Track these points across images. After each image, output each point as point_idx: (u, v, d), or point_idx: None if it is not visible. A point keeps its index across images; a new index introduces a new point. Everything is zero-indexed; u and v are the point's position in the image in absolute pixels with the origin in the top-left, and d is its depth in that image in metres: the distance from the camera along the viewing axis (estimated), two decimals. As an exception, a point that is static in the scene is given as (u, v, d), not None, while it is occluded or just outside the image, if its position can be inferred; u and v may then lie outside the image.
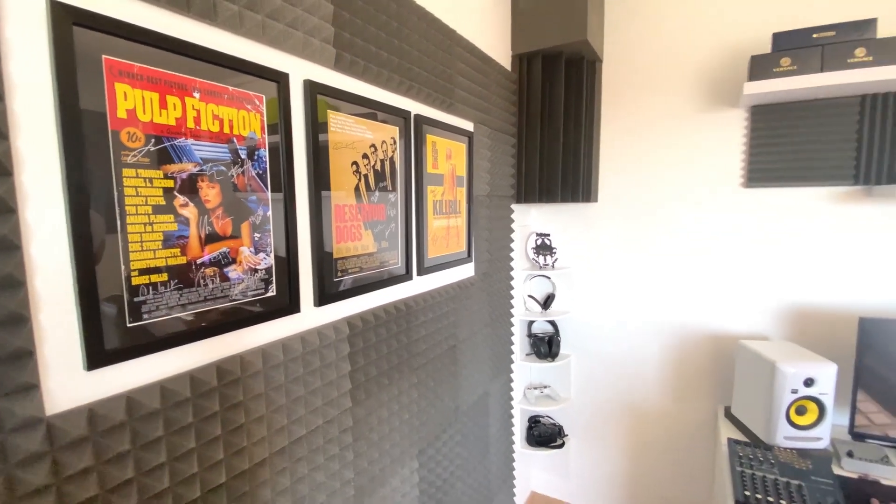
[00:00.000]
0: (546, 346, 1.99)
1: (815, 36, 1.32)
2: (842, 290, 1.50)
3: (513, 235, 1.83)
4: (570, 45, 1.60)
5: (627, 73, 1.79)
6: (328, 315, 0.89)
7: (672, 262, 1.77)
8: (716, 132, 1.64)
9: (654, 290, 1.82)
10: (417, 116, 1.12)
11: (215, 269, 0.69)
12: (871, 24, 1.27)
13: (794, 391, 1.29)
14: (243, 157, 0.72)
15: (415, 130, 1.11)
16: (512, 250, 1.83)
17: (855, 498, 1.12)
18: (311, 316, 0.85)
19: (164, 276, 0.63)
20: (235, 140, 0.71)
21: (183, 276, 0.65)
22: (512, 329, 1.87)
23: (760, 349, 1.40)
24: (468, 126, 1.40)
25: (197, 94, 0.67)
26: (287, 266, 0.79)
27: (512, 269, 1.84)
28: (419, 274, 1.18)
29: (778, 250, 1.58)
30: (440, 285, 1.30)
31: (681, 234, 1.75)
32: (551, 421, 2.10)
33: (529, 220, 2.07)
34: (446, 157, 1.27)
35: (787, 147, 1.52)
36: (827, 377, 1.28)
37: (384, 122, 1.00)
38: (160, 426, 0.61)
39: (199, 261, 0.67)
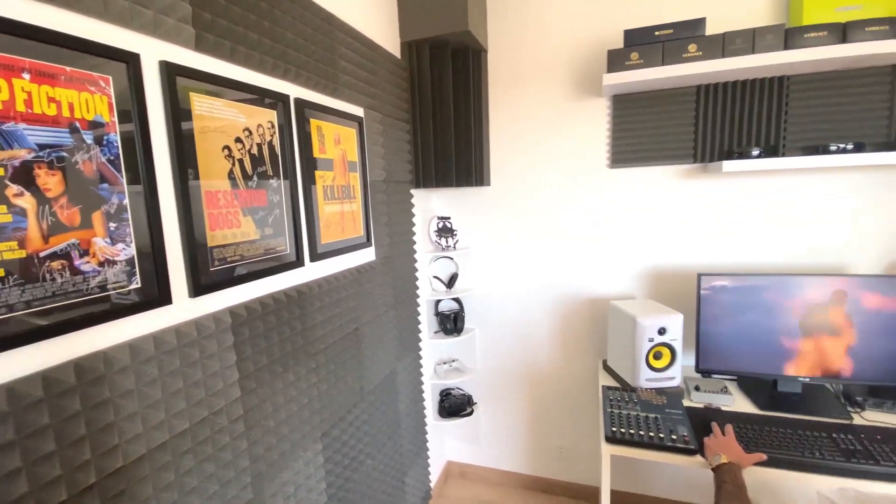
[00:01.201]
0: (452, 323, 2.09)
1: (657, 33, 1.53)
2: (687, 252, 1.78)
3: (414, 220, 1.89)
4: (454, 34, 1.67)
5: (511, 63, 1.92)
6: (207, 306, 0.87)
7: (555, 237, 1.96)
8: (586, 119, 1.84)
9: (542, 264, 2.00)
10: (298, 100, 1.12)
11: (64, 262, 0.65)
12: (700, 23, 1.51)
13: (651, 340, 1.52)
14: (89, 142, 0.67)
15: (296, 114, 1.11)
16: (414, 234, 1.89)
17: (699, 423, 1.35)
18: (185, 307, 0.82)
19: (0, 272, 0.58)
20: (78, 124, 0.66)
21: (24, 271, 0.61)
22: (419, 309, 1.94)
23: (625, 307, 1.62)
24: (357, 111, 1.42)
25: (27, 76, 0.62)
26: (153, 256, 0.76)
27: (415, 251, 1.91)
28: (312, 260, 1.18)
29: (638, 221, 1.83)
30: (337, 271, 1.32)
31: (561, 212, 1.93)
32: (461, 392, 2.23)
33: (431, 204, 2.15)
34: (335, 142, 1.28)
35: (642, 131, 1.74)
36: (676, 326, 1.52)
37: (259, 105, 0.99)
38: (10, 430, 0.57)
39: (42, 254, 0.62)
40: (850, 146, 1.45)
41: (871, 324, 1.42)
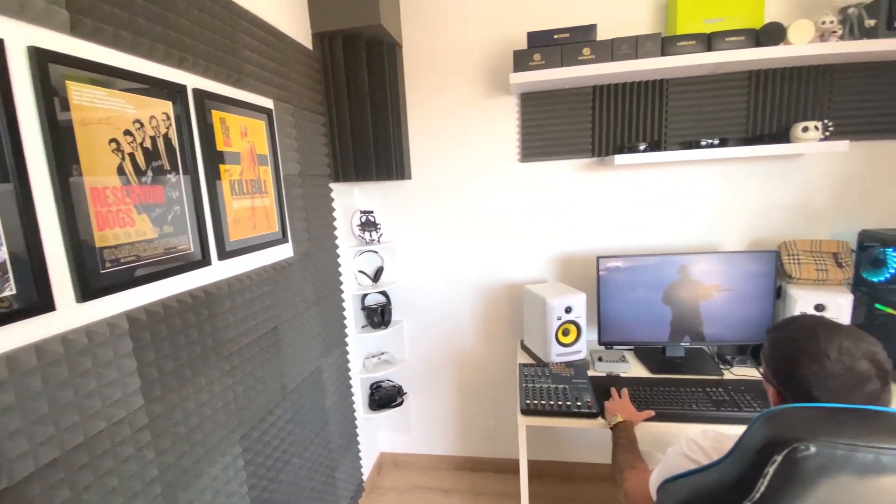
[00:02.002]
0: (379, 316, 2.11)
1: (555, 36, 1.66)
2: (588, 238, 1.96)
3: (335, 214, 1.87)
4: (366, 27, 1.67)
5: (426, 59, 1.96)
6: (99, 311, 0.81)
7: (474, 228, 2.05)
8: (498, 115, 1.94)
9: (463, 254, 2.09)
10: (197, 91, 1.06)
11: (-87, 270, 0.58)
12: (592, 29, 1.65)
13: (559, 318, 1.66)
14: (-61, 135, 0.60)
15: (195, 105, 1.05)
16: (335, 228, 1.87)
17: (601, 390, 1.51)
18: (72, 313, 0.76)
19: None
20: (-77, 114, 0.59)
21: None
22: (344, 304, 1.93)
23: (537, 290, 1.75)
24: (266, 103, 1.37)
25: None
26: (29, 260, 0.69)
27: (338, 246, 1.89)
28: (221, 258, 1.14)
29: (547, 211, 1.97)
30: (250, 269, 1.28)
31: (479, 204, 2.03)
32: (391, 383, 2.26)
33: (353, 198, 2.13)
34: (241, 135, 1.23)
35: (548, 128, 1.88)
36: (580, 304, 1.68)
37: (151, 95, 0.93)
38: None
39: None
40: (716, 141, 1.69)
41: (736, 292, 1.67)
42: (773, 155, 1.71)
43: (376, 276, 2.15)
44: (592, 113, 1.83)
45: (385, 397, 2.18)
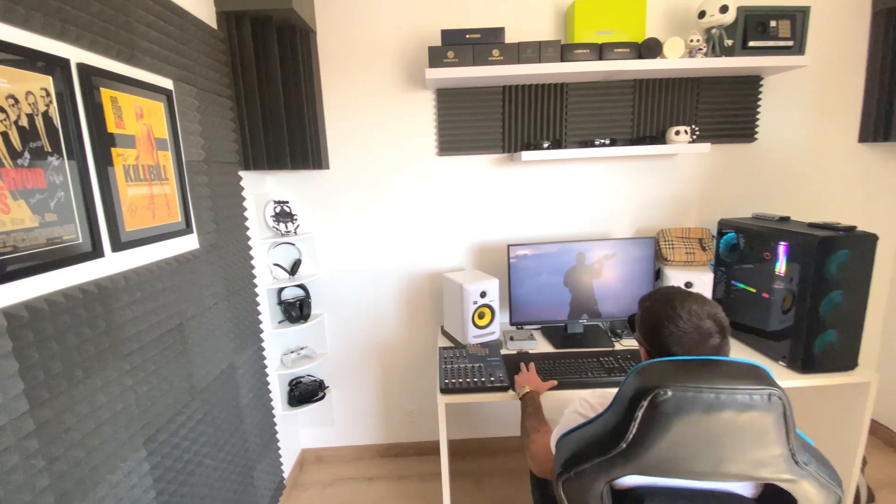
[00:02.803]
0: (297, 310, 2.06)
1: (467, 36, 1.74)
2: (501, 228, 2.10)
3: (246, 204, 1.79)
4: (277, 10, 1.61)
5: (344, 48, 1.93)
6: (-33, 307, 0.72)
7: (395, 219, 2.09)
8: (416, 109, 1.98)
9: (384, 245, 2.12)
10: (82, 66, 0.97)
11: None
12: (500, 31, 1.76)
13: (475, 302, 1.76)
14: None
15: (80, 82, 0.96)
16: (246, 219, 1.79)
17: (512, 365, 1.64)
18: (-67, 311, 0.67)
19: None
20: None
21: None
22: (258, 299, 1.85)
23: (455, 277, 1.85)
24: (165, 83, 1.28)
25: None
26: None
27: (249, 238, 1.81)
28: (115, 250, 1.05)
29: (463, 203, 2.07)
30: (150, 261, 1.19)
31: (399, 196, 2.07)
32: (312, 378, 2.22)
33: (266, 188, 2.05)
34: (136, 116, 1.14)
35: (463, 123, 1.97)
36: (493, 289, 1.80)
37: (26, 68, 0.83)
38: None
39: None
40: (608, 141, 1.90)
41: (624, 274, 1.91)
42: (653, 154, 1.97)
43: (293, 269, 2.09)
44: (503, 111, 1.96)
45: (305, 392, 2.14)
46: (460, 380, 1.53)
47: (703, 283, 1.81)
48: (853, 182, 2.12)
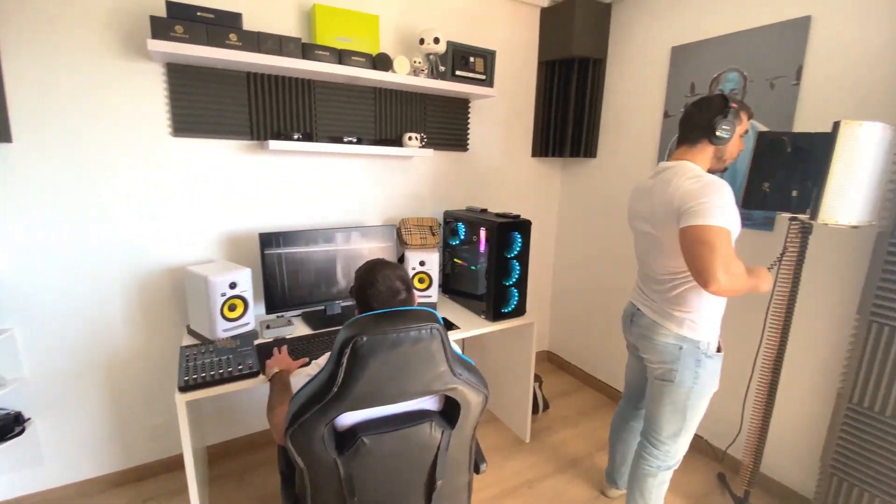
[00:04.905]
0: (-37, 328, 1.56)
1: (199, 14, 1.65)
2: (255, 216, 2.07)
3: None
4: None
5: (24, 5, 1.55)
6: None
7: (116, 205, 1.80)
8: (141, 82, 1.75)
9: (104, 236, 1.81)
10: None
11: None
12: (238, 17, 1.73)
13: (224, 294, 1.71)
14: None
15: None
16: None
17: (265, 353, 1.65)
18: None
19: None
20: None
21: None
22: None
23: (199, 270, 1.75)
24: None
25: None
26: None
27: None
28: None
29: (211, 190, 1.96)
30: None
31: (122, 179, 1.79)
32: (4, 411, 1.73)
33: None
34: None
35: (204, 104, 1.85)
36: (244, 279, 1.78)
37: None
38: None
39: None
40: (355, 139, 2.11)
41: (374, 256, 2.16)
42: (394, 155, 2.29)
43: (-47, 273, 1.57)
44: (248, 97, 1.93)
45: (-12, 432, 1.65)
46: (203, 374, 1.48)
47: (432, 261, 2.23)
48: (529, 184, 2.95)
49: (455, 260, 2.37)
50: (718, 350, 1.43)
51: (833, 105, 1.73)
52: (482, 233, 2.09)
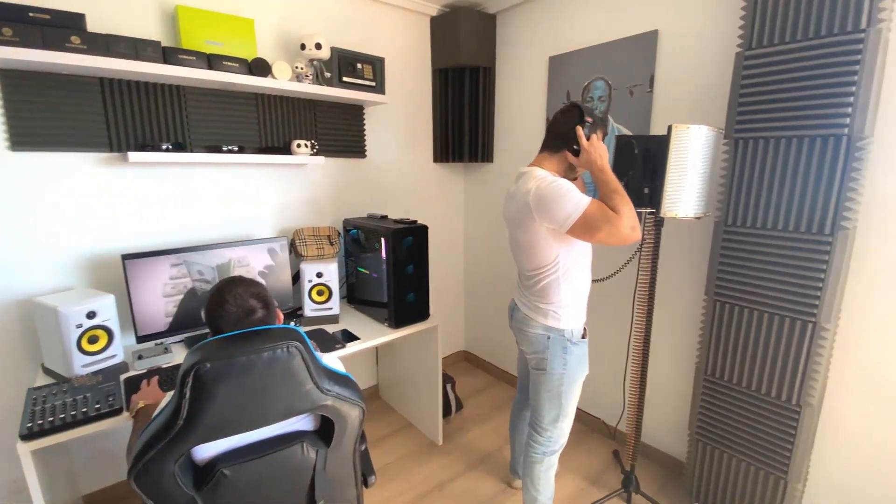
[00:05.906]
0: None
1: (31, 15, 1.47)
2: (116, 237, 1.87)
3: None
4: None
5: None
6: None
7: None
8: (-41, 88, 1.52)
9: (-78, 270, 1.54)
10: None
11: None
12: (80, 18, 1.56)
13: (80, 325, 1.53)
14: None
15: None
16: None
17: (132, 386, 1.51)
18: None
19: None
20: None
21: None
22: None
23: (48, 301, 1.54)
24: None
25: None
26: None
27: None
28: None
29: (62, 210, 1.74)
30: None
31: (-59, 202, 1.54)
32: None
33: None
34: None
35: (49, 114, 1.64)
36: (107, 307, 1.61)
37: None
38: None
39: None
40: (235, 148, 2.00)
41: (269, 272, 2.06)
42: (282, 163, 2.20)
43: None
44: (104, 106, 1.75)
45: None
46: (51, 419, 1.31)
47: (330, 272, 2.17)
48: (433, 189, 2.99)
49: (359, 269, 2.33)
50: (584, 336, 1.54)
51: (678, 110, 1.95)
52: (383, 240, 2.07)
